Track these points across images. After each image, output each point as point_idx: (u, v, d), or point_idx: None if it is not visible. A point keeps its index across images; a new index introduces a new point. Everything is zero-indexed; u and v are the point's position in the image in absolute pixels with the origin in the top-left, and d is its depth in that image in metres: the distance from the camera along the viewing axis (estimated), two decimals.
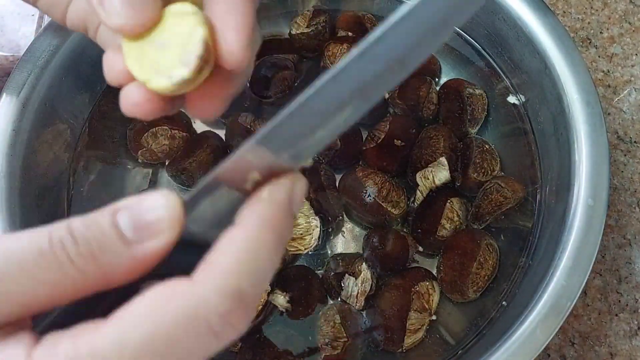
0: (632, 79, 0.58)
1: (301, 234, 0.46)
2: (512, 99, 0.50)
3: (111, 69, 0.26)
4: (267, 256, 0.20)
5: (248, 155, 0.20)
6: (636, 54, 0.59)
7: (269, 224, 0.20)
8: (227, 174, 0.20)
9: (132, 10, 0.23)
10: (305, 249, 0.46)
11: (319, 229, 0.46)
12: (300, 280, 0.47)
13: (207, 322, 0.18)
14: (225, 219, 0.20)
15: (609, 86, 0.58)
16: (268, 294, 0.44)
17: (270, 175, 0.21)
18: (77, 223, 0.19)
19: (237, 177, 0.20)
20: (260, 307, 0.43)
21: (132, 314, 0.18)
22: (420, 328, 0.44)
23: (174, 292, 0.19)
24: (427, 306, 0.44)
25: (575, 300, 0.36)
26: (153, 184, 0.51)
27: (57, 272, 0.18)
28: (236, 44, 0.24)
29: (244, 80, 0.27)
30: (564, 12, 0.62)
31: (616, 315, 0.49)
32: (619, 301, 0.50)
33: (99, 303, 0.20)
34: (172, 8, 0.24)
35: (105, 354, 0.18)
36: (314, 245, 0.46)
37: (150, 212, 0.19)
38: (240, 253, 0.19)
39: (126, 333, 0.18)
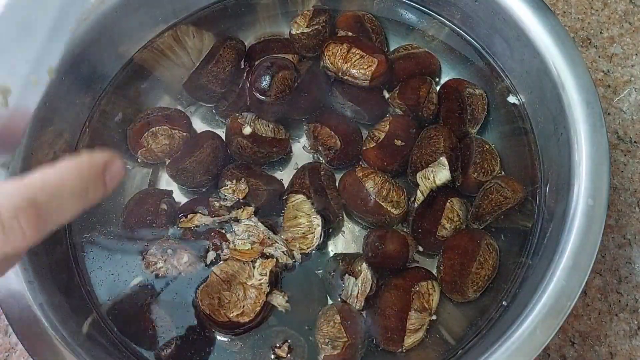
0: (632, 79, 0.58)
1: (303, 233, 0.46)
2: (512, 99, 0.50)
3: None
4: (68, 190, 0.25)
5: None
6: (636, 54, 0.59)
7: (78, 173, 0.25)
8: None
9: None
10: (307, 247, 0.46)
11: (320, 228, 0.46)
12: (300, 280, 0.47)
13: None
14: None
15: (609, 86, 0.58)
16: (267, 294, 0.44)
17: None
18: None
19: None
20: (260, 307, 0.43)
21: None
22: (420, 328, 0.44)
23: None
24: (427, 306, 0.44)
25: (575, 300, 0.36)
26: (153, 183, 0.51)
27: None
28: None
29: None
30: (564, 12, 0.62)
31: (616, 315, 0.50)
32: (619, 301, 0.50)
33: None
34: None
35: None
36: (316, 244, 0.46)
37: None
38: (47, 176, 0.24)
39: None
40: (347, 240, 0.49)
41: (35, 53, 0.27)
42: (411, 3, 0.54)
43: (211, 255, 0.46)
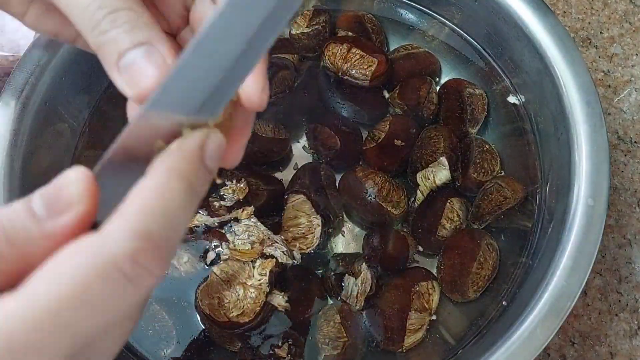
0: (632, 79, 0.58)
1: (303, 233, 0.46)
2: (512, 99, 0.50)
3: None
4: (176, 203, 0.20)
5: (147, 121, 0.20)
6: (636, 54, 0.59)
7: (177, 172, 0.20)
8: (132, 143, 0.20)
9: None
10: (307, 247, 0.46)
11: (320, 228, 0.46)
12: (300, 280, 0.47)
13: (118, 267, 0.18)
14: None
15: (609, 86, 0.58)
16: (267, 295, 0.44)
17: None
18: None
19: (142, 146, 0.21)
20: (260, 307, 0.43)
21: (41, 274, 0.18)
22: (420, 328, 0.44)
23: (80, 246, 0.18)
24: (427, 306, 0.44)
25: (575, 300, 0.36)
26: None
27: None
28: (256, 91, 0.25)
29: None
30: (564, 12, 0.62)
31: (616, 315, 0.49)
32: (619, 301, 0.50)
33: None
34: None
35: (15, 330, 0.17)
36: (316, 243, 0.46)
37: (62, 189, 0.19)
38: (147, 199, 0.19)
39: (36, 294, 0.18)
40: (347, 240, 0.49)
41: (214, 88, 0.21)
42: (411, 3, 0.54)
43: (211, 255, 0.46)
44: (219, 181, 0.24)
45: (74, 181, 0.20)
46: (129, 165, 0.21)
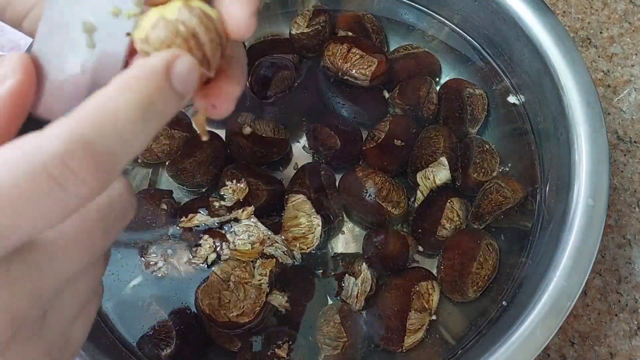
0: (632, 79, 0.58)
1: (303, 233, 0.46)
2: (512, 99, 0.50)
3: None
4: (126, 115, 0.19)
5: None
6: (636, 54, 0.59)
7: (134, 84, 0.19)
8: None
9: None
10: (308, 247, 0.46)
11: (320, 228, 0.46)
12: (300, 280, 0.47)
13: (46, 168, 0.17)
14: None
15: (609, 86, 0.58)
16: (267, 295, 0.44)
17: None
18: None
19: None
20: (260, 307, 0.43)
21: None
22: (420, 328, 0.44)
23: (14, 144, 0.18)
24: (427, 306, 0.44)
25: (575, 300, 0.36)
26: (153, 183, 0.51)
27: None
28: (242, 15, 0.24)
29: (245, 80, 0.27)
30: (564, 12, 0.62)
31: (616, 315, 0.49)
32: (619, 301, 0.50)
33: None
34: None
35: None
36: (316, 243, 0.46)
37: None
38: (95, 106, 0.19)
39: None
40: (347, 240, 0.49)
41: None
42: (411, 3, 0.54)
43: (212, 255, 0.46)
44: (204, 138, 0.24)
45: (10, 57, 0.21)
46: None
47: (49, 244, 0.20)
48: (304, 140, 0.52)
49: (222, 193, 0.47)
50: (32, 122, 0.22)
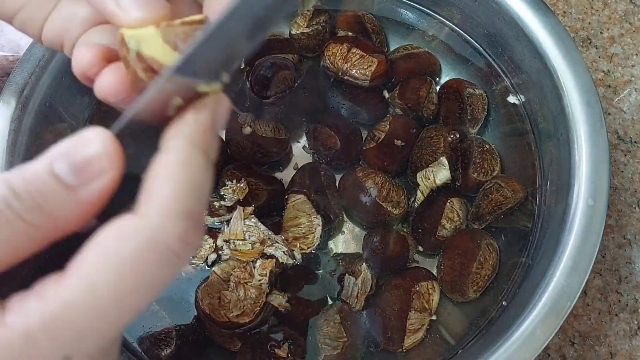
0: (632, 79, 0.58)
1: (304, 233, 0.46)
2: (512, 99, 0.50)
3: (81, 61, 0.26)
4: (201, 175, 0.20)
5: (167, 85, 0.21)
6: (636, 54, 0.59)
7: (197, 144, 0.20)
8: (151, 106, 0.21)
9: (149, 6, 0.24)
10: (308, 247, 0.46)
11: (320, 228, 0.46)
12: (300, 280, 0.47)
13: (168, 247, 0.19)
14: (152, 152, 0.21)
15: (609, 86, 0.58)
16: (267, 295, 0.44)
17: (190, 101, 0.22)
18: (15, 179, 0.19)
19: (160, 107, 0.21)
20: (260, 307, 0.43)
21: (92, 259, 0.19)
22: (420, 328, 0.44)
23: (126, 229, 0.19)
24: (427, 306, 0.44)
25: (575, 300, 0.36)
26: None
27: (8, 229, 0.18)
28: None
29: None
30: (564, 12, 0.62)
31: (616, 315, 0.49)
32: (619, 301, 0.50)
33: (57, 260, 0.20)
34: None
35: (79, 303, 0.18)
36: (317, 244, 0.46)
37: (88, 153, 0.19)
38: (178, 176, 0.19)
39: (93, 278, 0.18)
40: (347, 240, 0.49)
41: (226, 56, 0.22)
42: (411, 3, 0.54)
43: (212, 255, 0.46)
44: None
45: (98, 143, 0.20)
46: (143, 128, 0.22)
47: None
48: (304, 140, 0.52)
49: (222, 193, 0.47)
50: None
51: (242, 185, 0.47)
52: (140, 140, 0.21)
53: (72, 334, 0.18)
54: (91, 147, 0.19)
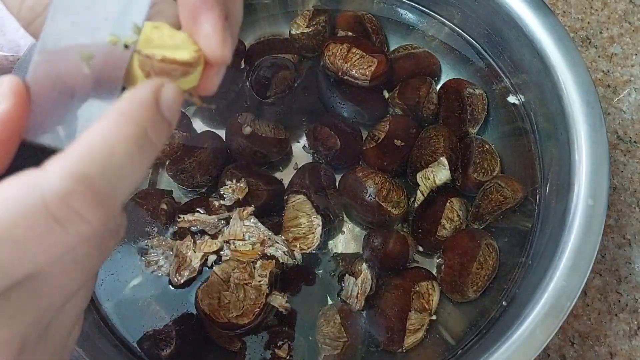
0: (632, 79, 0.58)
1: (304, 233, 0.46)
2: (512, 99, 0.50)
3: None
4: (124, 148, 0.19)
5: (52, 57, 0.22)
6: (636, 54, 0.59)
7: (128, 117, 0.20)
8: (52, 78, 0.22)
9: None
10: (308, 247, 0.46)
11: (320, 228, 0.46)
12: (300, 280, 0.47)
13: (46, 207, 0.18)
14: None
15: (608, 86, 0.58)
16: (266, 296, 0.44)
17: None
18: None
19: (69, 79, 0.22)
20: (259, 308, 0.43)
21: None
22: (420, 328, 0.44)
23: (14, 180, 0.18)
24: (427, 306, 0.44)
25: (575, 300, 0.36)
26: (153, 183, 0.51)
27: None
28: (217, 44, 0.24)
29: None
30: (564, 12, 0.62)
31: (616, 315, 0.50)
32: (619, 301, 0.50)
33: None
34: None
35: None
36: (317, 244, 0.46)
37: None
38: (92, 141, 0.19)
39: None
40: (347, 240, 0.49)
41: (117, 8, 0.22)
42: (411, 3, 0.54)
43: (212, 255, 0.46)
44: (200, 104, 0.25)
45: (1, 81, 0.21)
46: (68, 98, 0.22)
47: (48, 272, 0.20)
48: (304, 140, 0.52)
49: (222, 192, 0.47)
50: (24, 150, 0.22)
51: (242, 184, 0.47)
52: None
53: None
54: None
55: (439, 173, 0.47)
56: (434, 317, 0.44)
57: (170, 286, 0.46)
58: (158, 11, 0.26)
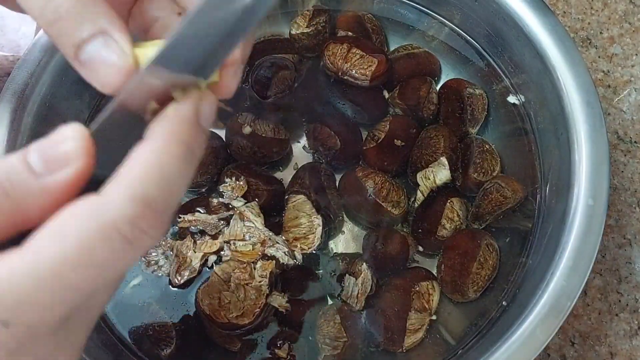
0: (632, 79, 0.58)
1: (304, 233, 0.46)
2: (512, 99, 0.50)
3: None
4: (175, 167, 0.20)
5: (149, 78, 0.21)
6: (636, 54, 0.59)
7: (175, 136, 0.20)
8: (131, 99, 0.21)
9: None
10: (309, 247, 0.46)
11: (321, 228, 0.46)
12: (300, 280, 0.47)
13: (118, 230, 0.19)
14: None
15: (609, 86, 0.58)
16: (267, 296, 0.44)
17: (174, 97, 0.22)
18: None
19: (140, 102, 0.21)
20: (260, 308, 0.43)
21: (42, 233, 0.19)
22: (420, 328, 0.44)
23: (80, 207, 0.19)
24: (427, 306, 0.44)
25: (575, 300, 0.36)
26: None
27: None
28: (226, 83, 0.25)
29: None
30: (564, 12, 0.62)
31: (616, 315, 0.49)
32: (619, 301, 0.50)
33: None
34: None
35: (21, 272, 0.18)
36: (317, 244, 0.46)
37: (58, 145, 0.20)
38: (147, 163, 0.19)
39: (37, 250, 0.18)
40: (347, 240, 0.49)
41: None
42: (411, 3, 0.54)
43: (212, 256, 0.46)
44: None
45: (70, 137, 0.20)
46: (124, 125, 0.22)
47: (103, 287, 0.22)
48: (304, 140, 0.52)
49: (221, 190, 0.47)
50: None
51: (241, 182, 0.47)
52: (121, 138, 0.21)
53: (10, 301, 0.18)
54: (63, 139, 0.20)
55: (439, 173, 0.47)
56: (434, 317, 0.44)
57: (170, 286, 0.46)
58: (162, 25, 0.27)
